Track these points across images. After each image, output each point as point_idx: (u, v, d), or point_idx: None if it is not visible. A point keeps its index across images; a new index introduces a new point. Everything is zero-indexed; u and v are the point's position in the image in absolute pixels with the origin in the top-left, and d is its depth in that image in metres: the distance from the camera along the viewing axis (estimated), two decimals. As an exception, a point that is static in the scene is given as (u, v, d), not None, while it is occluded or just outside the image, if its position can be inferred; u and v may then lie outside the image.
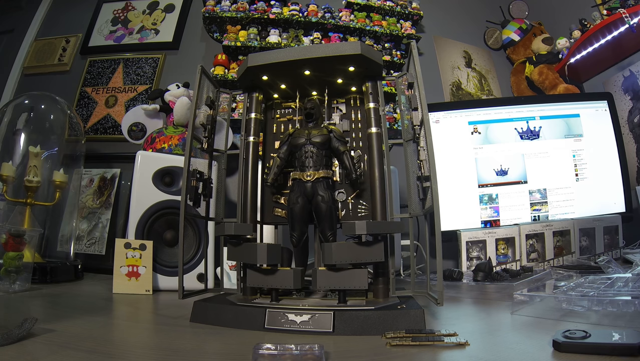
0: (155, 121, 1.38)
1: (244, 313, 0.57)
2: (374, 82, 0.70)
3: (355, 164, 0.66)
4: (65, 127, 1.36)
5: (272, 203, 0.74)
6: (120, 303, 0.80)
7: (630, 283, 0.69)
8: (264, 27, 1.65)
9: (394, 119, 1.63)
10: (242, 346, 0.47)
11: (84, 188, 1.55)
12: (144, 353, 0.45)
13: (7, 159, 1.10)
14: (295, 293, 0.66)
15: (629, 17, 1.36)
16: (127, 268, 0.91)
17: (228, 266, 1.00)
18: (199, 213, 0.73)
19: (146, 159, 1.03)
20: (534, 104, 1.43)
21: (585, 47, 1.53)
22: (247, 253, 0.62)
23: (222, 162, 0.80)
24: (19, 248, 0.89)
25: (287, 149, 0.69)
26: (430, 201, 0.61)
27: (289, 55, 0.66)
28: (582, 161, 1.38)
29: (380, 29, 1.68)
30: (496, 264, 1.18)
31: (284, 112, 0.78)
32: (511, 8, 1.98)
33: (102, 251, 1.46)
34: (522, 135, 1.41)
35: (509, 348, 0.45)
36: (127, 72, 1.73)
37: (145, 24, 1.81)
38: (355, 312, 0.53)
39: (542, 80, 1.71)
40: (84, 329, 0.53)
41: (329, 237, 0.65)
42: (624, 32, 1.40)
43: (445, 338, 0.46)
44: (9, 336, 0.43)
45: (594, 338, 0.40)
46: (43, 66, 1.80)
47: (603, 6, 1.53)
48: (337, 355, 0.43)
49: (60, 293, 0.90)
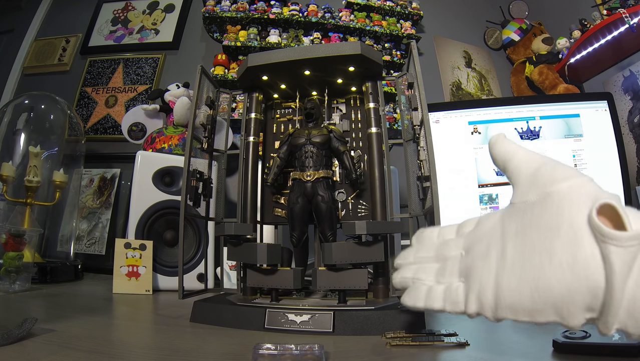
0: (155, 121, 1.38)
1: (244, 313, 0.57)
2: (374, 82, 0.70)
3: (355, 164, 0.66)
4: (65, 127, 1.36)
5: (272, 203, 0.74)
6: (120, 303, 0.80)
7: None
8: (264, 27, 1.65)
9: (394, 119, 1.63)
10: (242, 346, 0.47)
11: (84, 188, 1.55)
12: (144, 353, 0.45)
13: (7, 159, 1.10)
14: (295, 293, 0.66)
15: (629, 17, 1.35)
16: (127, 268, 0.91)
17: (228, 266, 1.00)
18: (199, 213, 0.73)
19: (146, 159, 1.03)
20: (534, 104, 1.43)
21: (585, 47, 1.52)
22: (247, 253, 0.62)
23: (222, 162, 0.80)
24: (19, 248, 0.89)
25: (287, 149, 0.69)
26: (430, 201, 0.61)
27: (289, 55, 0.66)
28: (582, 161, 1.38)
29: (380, 29, 1.68)
30: (496, 264, 1.18)
31: (284, 112, 0.78)
32: (511, 8, 1.98)
33: (102, 251, 1.46)
34: (522, 135, 1.40)
35: (509, 348, 0.45)
36: (127, 72, 1.73)
37: (145, 24, 1.81)
38: (355, 312, 0.53)
39: (542, 80, 1.71)
40: (84, 329, 0.53)
41: (329, 237, 0.65)
42: (624, 32, 1.40)
43: (445, 338, 0.46)
44: (9, 336, 0.43)
45: (594, 338, 0.40)
46: (43, 66, 1.80)
47: (603, 6, 1.53)
48: (337, 355, 0.43)
49: (60, 293, 0.90)
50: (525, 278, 0.25)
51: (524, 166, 0.29)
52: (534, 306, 0.25)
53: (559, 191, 0.26)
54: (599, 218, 0.23)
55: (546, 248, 0.25)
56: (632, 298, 0.22)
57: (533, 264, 0.25)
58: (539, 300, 0.25)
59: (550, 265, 0.24)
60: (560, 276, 0.24)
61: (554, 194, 0.26)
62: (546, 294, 0.25)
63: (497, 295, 0.27)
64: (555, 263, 0.24)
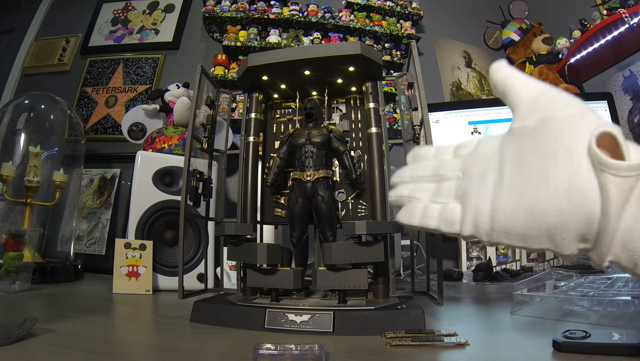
0: (155, 121, 1.38)
1: (244, 313, 0.57)
2: (374, 82, 0.70)
3: (355, 164, 0.66)
4: (65, 127, 1.36)
5: (272, 203, 0.74)
6: (120, 303, 0.80)
7: (630, 283, 0.69)
8: (264, 27, 1.65)
9: (394, 119, 1.63)
10: (242, 346, 0.47)
11: (84, 188, 1.55)
12: (144, 353, 0.45)
13: (7, 159, 1.10)
14: (295, 293, 0.66)
15: (629, 17, 1.35)
16: (127, 268, 0.91)
17: (228, 266, 1.00)
18: (199, 213, 0.73)
19: (146, 159, 1.03)
20: (534, 104, 1.43)
21: (585, 47, 1.52)
22: (247, 253, 0.62)
23: (222, 162, 0.80)
24: (19, 248, 0.89)
25: (287, 149, 0.69)
26: (430, 201, 0.61)
27: (289, 55, 0.66)
28: (582, 161, 1.38)
29: (380, 29, 1.68)
30: (496, 264, 1.18)
31: (284, 112, 0.78)
32: (511, 8, 1.98)
33: (102, 251, 1.46)
34: (522, 135, 1.40)
35: (509, 348, 0.45)
36: (127, 72, 1.73)
37: (145, 24, 1.81)
38: (355, 312, 0.53)
39: (542, 80, 1.69)
40: (84, 329, 0.53)
41: (329, 237, 0.65)
42: (624, 32, 1.39)
43: (445, 338, 0.46)
44: (9, 336, 0.43)
45: (594, 338, 0.40)
46: (43, 66, 1.80)
47: (603, 6, 1.53)
48: (337, 355, 0.43)
49: (60, 293, 0.90)
50: (521, 203, 0.25)
51: (525, 91, 0.28)
52: (528, 231, 0.25)
53: (558, 117, 0.26)
54: (598, 147, 0.23)
55: (543, 173, 0.25)
56: (628, 229, 0.22)
57: (529, 189, 0.25)
58: (534, 225, 0.25)
59: (546, 191, 0.24)
60: (555, 202, 0.24)
61: (554, 120, 0.26)
62: (541, 219, 0.24)
63: (492, 218, 0.26)
64: (551, 188, 0.24)
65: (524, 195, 0.25)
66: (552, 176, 0.24)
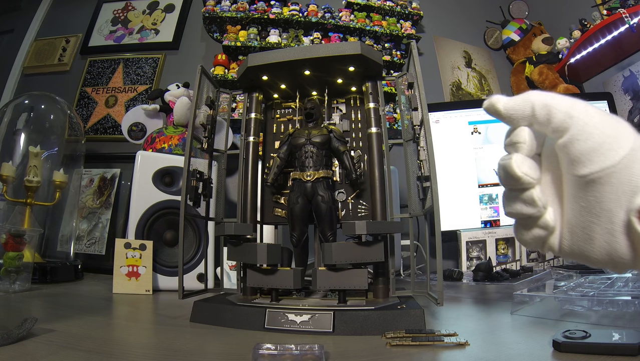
0: (155, 121, 1.38)
1: (244, 313, 0.57)
2: (374, 82, 0.70)
3: (355, 164, 0.66)
4: (65, 127, 1.36)
5: (272, 203, 0.74)
6: (120, 303, 0.80)
7: (630, 283, 0.69)
8: (264, 27, 1.65)
9: (394, 119, 1.63)
10: (242, 346, 0.47)
11: (84, 188, 1.55)
12: (144, 353, 0.45)
13: (7, 159, 1.10)
14: (295, 293, 0.66)
15: (629, 17, 1.35)
16: (127, 268, 0.91)
17: (228, 266, 1.00)
18: (199, 213, 0.73)
19: (146, 159, 1.03)
20: (534, 104, 1.43)
21: (585, 47, 1.52)
22: (247, 253, 0.62)
23: (222, 162, 0.80)
24: (19, 248, 0.89)
25: (287, 149, 0.69)
26: (430, 201, 0.61)
27: (288, 55, 0.66)
28: (582, 161, 1.38)
29: (380, 29, 1.68)
30: (496, 264, 1.18)
31: (284, 112, 0.78)
32: (511, 8, 1.98)
33: (102, 251, 1.46)
34: (522, 135, 1.40)
35: (509, 348, 0.45)
36: (127, 72, 1.73)
37: (145, 24, 1.81)
38: (355, 312, 0.53)
39: (542, 80, 1.70)
40: (84, 329, 0.53)
41: (329, 237, 0.65)
42: (624, 32, 1.39)
43: (445, 338, 0.46)
44: (9, 336, 0.43)
45: (594, 338, 0.40)
46: (43, 66, 1.80)
47: (603, 6, 1.53)
48: (337, 355, 0.43)
49: (60, 293, 0.90)
50: (574, 247, 0.29)
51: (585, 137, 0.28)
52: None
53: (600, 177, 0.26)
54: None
55: (590, 229, 0.27)
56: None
57: (579, 238, 0.28)
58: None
59: (592, 247, 0.27)
60: (599, 257, 0.27)
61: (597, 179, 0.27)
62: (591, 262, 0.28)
63: (561, 244, 0.29)
64: (596, 246, 0.27)
65: (576, 241, 0.29)
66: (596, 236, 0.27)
